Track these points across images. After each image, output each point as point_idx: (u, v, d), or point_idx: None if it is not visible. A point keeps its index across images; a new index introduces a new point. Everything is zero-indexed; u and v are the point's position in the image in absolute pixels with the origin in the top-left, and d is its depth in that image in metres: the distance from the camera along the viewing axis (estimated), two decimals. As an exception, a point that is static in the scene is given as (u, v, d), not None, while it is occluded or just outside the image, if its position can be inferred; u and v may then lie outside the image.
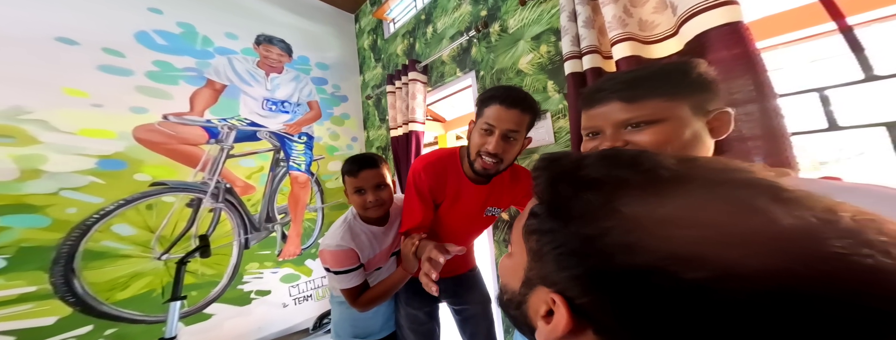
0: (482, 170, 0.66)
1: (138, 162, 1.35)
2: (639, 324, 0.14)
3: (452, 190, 0.73)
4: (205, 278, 1.40)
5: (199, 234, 1.41)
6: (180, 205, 1.41)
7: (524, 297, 0.21)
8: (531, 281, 0.20)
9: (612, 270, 0.15)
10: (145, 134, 1.39)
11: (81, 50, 1.31)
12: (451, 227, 0.78)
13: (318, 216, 1.93)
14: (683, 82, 0.37)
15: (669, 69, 0.39)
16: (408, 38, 1.84)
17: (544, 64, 1.12)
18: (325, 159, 2.02)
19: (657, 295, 0.13)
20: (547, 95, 1.11)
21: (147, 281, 1.28)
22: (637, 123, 0.37)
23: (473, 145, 0.66)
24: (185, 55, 1.58)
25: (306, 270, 1.80)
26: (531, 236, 0.20)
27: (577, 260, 0.17)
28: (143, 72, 1.45)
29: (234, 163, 1.62)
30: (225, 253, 1.50)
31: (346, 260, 0.74)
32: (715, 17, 0.61)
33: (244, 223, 1.59)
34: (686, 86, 0.37)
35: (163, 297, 1.28)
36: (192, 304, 1.36)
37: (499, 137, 0.61)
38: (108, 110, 1.33)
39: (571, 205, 0.18)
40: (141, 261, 1.28)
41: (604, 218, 0.16)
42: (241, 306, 1.50)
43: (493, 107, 0.61)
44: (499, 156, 0.63)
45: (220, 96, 1.65)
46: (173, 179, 1.42)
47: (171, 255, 1.34)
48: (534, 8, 1.14)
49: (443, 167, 0.72)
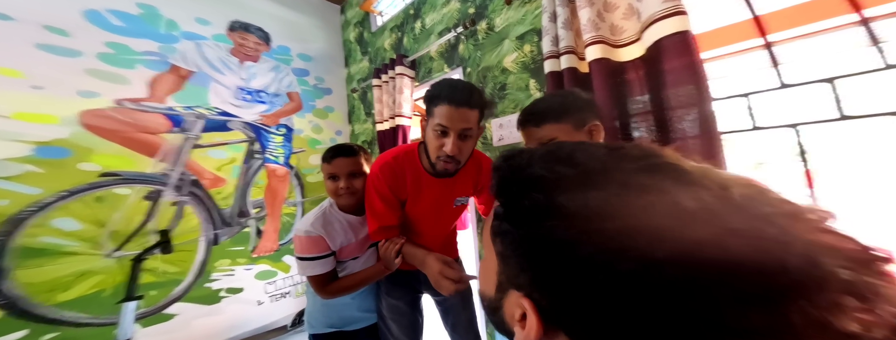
0: (444, 172, 0.67)
1: (86, 150, 1.18)
2: (596, 322, 0.14)
3: (413, 186, 0.70)
4: (166, 276, 1.25)
5: (159, 229, 1.26)
6: (137, 198, 1.25)
7: (499, 302, 0.20)
8: (503, 285, 0.19)
9: (562, 268, 0.15)
10: (96, 120, 1.22)
11: (16, 25, 1.13)
12: (422, 221, 0.76)
13: (298, 211, 1.80)
14: (563, 109, 0.55)
15: (554, 101, 0.58)
16: (396, 32, 1.77)
17: (527, 63, 1.12)
18: (306, 152, 1.89)
19: (602, 289, 0.13)
20: (529, 93, 1.12)
21: (96, 281, 1.12)
22: (547, 141, 0.54)
23: (432, 148, 0.65)
24: (145, 38, 1.41)
25: (284, 266, 1.67)
26: (496, 238, 0.19)
27: (533, 262, 0.16)
28: (94, 53, 1.28)
29: (203, 154, 1.47)
30: (190, 250, 1.35)
31: (312, 247, 0.72)
32: (668, 26, 0.66)
33: (212, 217, 1.44)
34: (565, 112, 0.54)
35: (114, 298, 1.12)
36: (151, 304, 1.21)
37: (455, 138, 0.60)
38: (49, 92, 1.15)
39: (521, 206, 0.17)
40: (89, 259, 1.12)
41: (548, 217, 0.16)
42: (209, 304, 1.36)
43: (442, 107, 0.60)
44: (456, 157, 0.62)
45: (186, 83, 1.49)
46: (128, 169, 1.26)
47: (125, 252, 1.18)
48: (518, 8, 1.15)
49: (399, 165, 0.70)
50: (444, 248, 0.83)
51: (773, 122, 0.71)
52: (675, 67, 0.67)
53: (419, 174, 0.70)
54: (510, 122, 1.15)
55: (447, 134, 0.60)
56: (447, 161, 0.63)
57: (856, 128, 0.64)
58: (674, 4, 0.65)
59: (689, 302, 0.12)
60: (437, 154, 0.63)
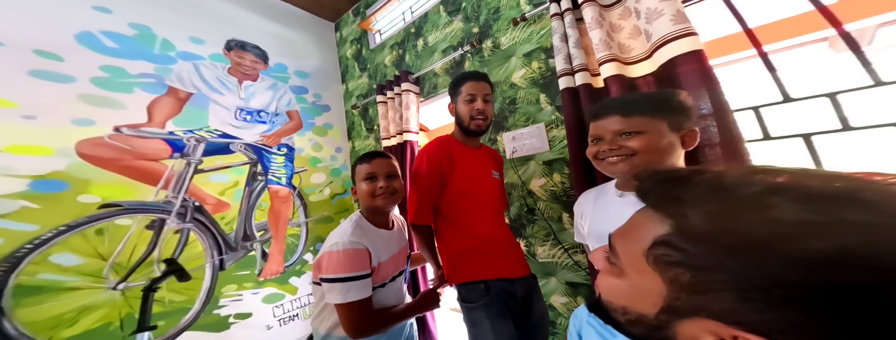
0: (477, 129, 0.88)
1: (83, 181, 1.12)
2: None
3: (460, 159, 0.86)
4: (173, 305, 1.21)
5: (164, 258, 1.21)
6: (139, 228, 1.20)
7: (666, 323, 0.20)
8: (679, 310, 0.19)
9: (830, 289, 0.14)
10: (92, 149, 1.16)
11: (7, 52, 1.06)
12: (477, 189, 0.86)
13: (302, 231, 1.78)
14: (664, 106, 0.50)
15: (656, 96, 0.53)
16: (397, 49, 1.78)
17: (536, 78, 1.16)
18: (307, 171, 1.87)
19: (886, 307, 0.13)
20: (540, 107, 1.16)
21: (101, 314, 1.06)
22: (628, 133, 0.50)
23: (464, 114, 0.87)
24: (140, 59, 1.36)
25: (291, 288, 1.65)
26: (672, 268, 0.19)
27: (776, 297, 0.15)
28: (88, 78, 1.22)
29: (204, 179, 1.43)
30: (197, 277, 1.31)
31: (359, 262, 0.61)
32: (682, 46, 0.71)
33: (218, 243, 1.41)
34: (666, 109, 0.49)
35: (123, 330, 1.08)
36: (161, 334, 1.16)
37: (481, 101, 0.86)
38: (42, 122, 1.09)
39: (737, 235, 0.16)
40: (91, 293, 1.06)
41: (786, 235, 0.15)
42: (218, 332, 1.32)
43: (468, 83, 0.87)
44: (485, 113, 0.87)
45: (185, 105, 1.44)
46: (129, 199, 1.21)
47: (130, 284, 1.13)
48: (524, 28, 1.19)
49: (446, 144, 0.88)
50: (500, 228, 0.88)
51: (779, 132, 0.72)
52: (691, 80, 0.69)
53: (462, 149, 0.89)
54: (522, 135, 1.17)
55: (475, 99, 0.86)
56: (479, 117, 0.86)
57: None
58: (684, 26, 0.71)
59: None
60: (470, 114, 0.86)
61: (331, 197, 1.94)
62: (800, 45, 0.91)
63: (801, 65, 0.84)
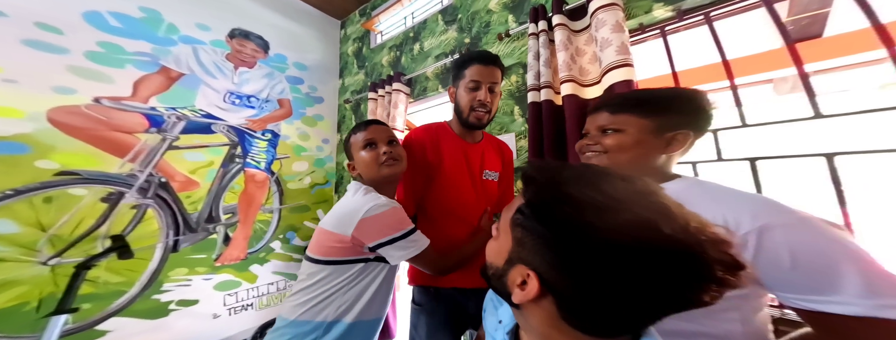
0: (476, 122, 0.75)
1: (47, 147, 1.10)
2: (584, 287, 0.23)
3: (448, 151, 0.76)
4: (108, 287, 1.11)
5: (112, 235, 1.14)
6: (93, 200, 1.15)
7: (505, 271, 0.29)
8: (512, 260, 0.28)
9: (574, 259, 0.24)
10: (65, 116, 1.15)
11: (8, 22, 1.10)
12: (459, 189, 0.75)
13: (274, 217, 1.69)
14: (662, 106, 0.46)
15: (664, 94, 0.49)
16: (394, 51, 1.82)
17: (513, 91, 1.23)
18: (290, 158, 1.80)
19: (605, 269, 0.23)
20: (513, 118, 1.22)
21: (19, 292, 0.96)
22: (609, 129, 0.48)
23: (464, 103, 0.74)
24: (140, 39, 1.38)
25: (250, 276, 1.53)
26: (517, 228, 0.28)
27: (552, 252, 0.25)
28: (82, 51, 1.23)
29: (178, 156, 1.39)
30: (143, 258, 1.22)
31: (407, 218, 0.61)
32: (620, 74, 0.80)
33: (176, 222, 1.33)
34: (661, 110, 0.46)
35: (38, 312, 0.97)
36: (83, 319, 1.05)
37: (486, 90, 0.72)
38: (21, 87, 1.09)
39: (553, 213, 0.25)
40: (17, 267, 0.97)
41: (575, 229, 0.23)
42: (153, 319, 1.21)
43: (474, 67, 0.73)
44: (488, 105, 0.73)
45: (175, 84, 1.43)
46: (91, 169, 1.17)
47: (64, 260, 1.04)
48: (508, 43, 1.28)
49: (435, 131, 0.79)
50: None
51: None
52: None
53: (452, 139, 0.78)
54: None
55: (479, 87, 0.72)
56: (480, 109, 0.73)
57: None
58: (624, 58, 0.80)
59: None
60: (471, 105, 0.73)
61: (310, 187, 1.86)
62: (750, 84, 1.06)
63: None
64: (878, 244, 0.66)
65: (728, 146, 0.81)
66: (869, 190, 0.80)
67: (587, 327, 0.25)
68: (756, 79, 0.96)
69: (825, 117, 0.66)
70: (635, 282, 0.21)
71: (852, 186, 0.63)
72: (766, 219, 0.35)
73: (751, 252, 0.35)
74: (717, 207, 0.38)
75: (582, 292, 0.23)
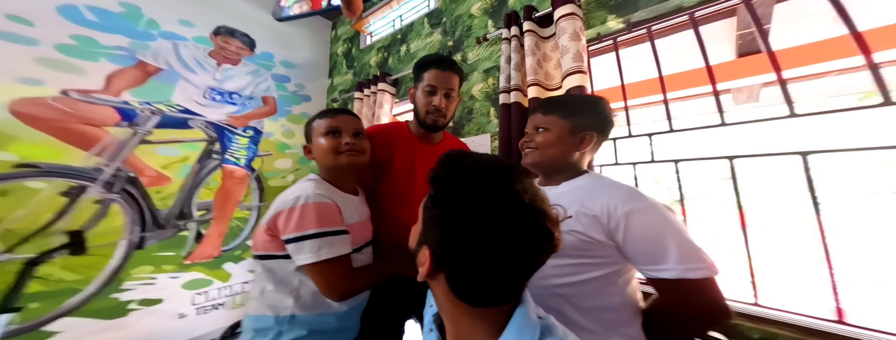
0: (432, 124, 0.74)
1: (7, 137, 1.05)
2: (461, 257, 0.27)
3: (402, 153, 0.74)
4: (61, 285, 1.05)
5: (70, 230, 1.08)
6: (52, 194, 1.09)
7: (416, 251, 0.32)
8: (421, 242, 0.31)
9: (451, 242, 0.27)
10: (29, 108, 1.11)
11: None
12: (411, 191, 0.73)
13: (252, 215, 1.63)
14: (577, 109, 0.55)
15: (578, 100, 0.59)
16: (383, 52, 1.83)
17: (490, 93, 1.25)
18: (273, 156, 1.75)
19: (468, 247, 0.26)
20: (489, 119, 1.22)
21: None
22: (540, 128, 0.56)
23: (421, 106, 0.74)
24: (117, 34, 1.34)
25: (222, 275, 1.47)
26: (424, 211, 0.31)
27: (440, 235, 0.28)
28: (53, 43, 1.19)
29: (150, 151, 1.34)
30: (104, 255, 1.16)
31: (331, 217, 0.52)
32: (575, 80, 0.86)
33: (143, 218, 1.27)
34: (576, 113, 0.54)
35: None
36: (29, 319, 0.98)
37: (442, 95, 0.72)
38: (-17, 77, 1.05)
39: (445, 200, 0.29)
40: None
41: (456, 217, 0.27)
42: (109, 319, 1.15)
43: (432, 71, 0.72)
44: (443, 110, 0.73)
45: (151, 79, 1.39)
46: (52, 162, 1.11)
47: (15, 256, 0.98)
48: (487, 47, 1.31)
49: (389, 130, 0.77)
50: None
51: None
52: None
53: (410, 141, 0.76)
54: (472, 143, 1.23)
55: (435, 92, 0.71)
56: (435, 113, 0.72)
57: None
58: (578, 65, 0.86)
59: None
60: (427, 109, 0.73)
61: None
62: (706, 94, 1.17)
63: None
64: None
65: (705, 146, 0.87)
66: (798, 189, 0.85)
67: (469, 297, 0.27)
68: (713, 89, 1.02)
69: (729, 126, 0.78)
70: (496, 247, 0.25)
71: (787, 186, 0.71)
72: (630, 206, 0.44)
73: (621, 232, 0.43)
74: (606, 196, 0.46)
75: (460, 263, 0.26)
